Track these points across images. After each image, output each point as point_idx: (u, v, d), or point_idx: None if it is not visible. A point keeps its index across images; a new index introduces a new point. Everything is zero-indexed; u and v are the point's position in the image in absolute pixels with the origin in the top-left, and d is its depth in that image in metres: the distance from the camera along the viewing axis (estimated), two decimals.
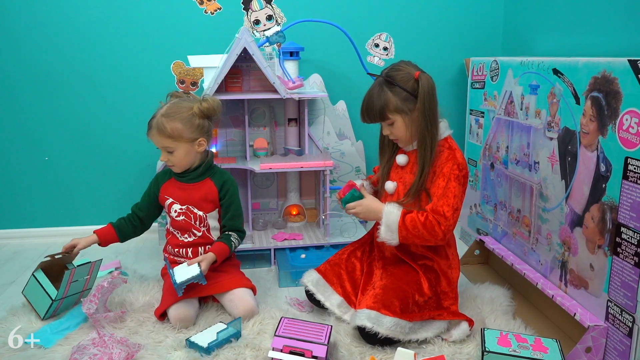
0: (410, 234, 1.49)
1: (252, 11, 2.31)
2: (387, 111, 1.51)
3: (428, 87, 1.48)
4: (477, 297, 1.74)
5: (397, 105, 1.50)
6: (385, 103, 1.51)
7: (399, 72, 1.51)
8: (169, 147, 1.66)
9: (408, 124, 1.52)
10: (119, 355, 1.37)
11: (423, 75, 1.50)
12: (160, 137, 1.65)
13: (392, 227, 1.50)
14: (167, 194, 1.76)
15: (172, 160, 1.69)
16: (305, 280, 1.68)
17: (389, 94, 1.50)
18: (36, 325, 1.59)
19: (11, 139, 2.33)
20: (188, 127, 1.65)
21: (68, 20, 2.23)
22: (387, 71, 1.54)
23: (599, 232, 1.39)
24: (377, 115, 1.53)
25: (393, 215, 1.51)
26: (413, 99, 1.50)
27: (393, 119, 1.52)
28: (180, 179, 1.76)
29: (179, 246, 1.76)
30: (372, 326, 1.43)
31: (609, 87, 1.33)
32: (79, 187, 2.41)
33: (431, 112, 1.49)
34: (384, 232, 1.52)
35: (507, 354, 1.33)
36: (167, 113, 1.64)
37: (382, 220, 1.52)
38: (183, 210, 1.74)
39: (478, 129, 2.13)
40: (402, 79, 1.50)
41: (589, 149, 1.42)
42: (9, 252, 2.28)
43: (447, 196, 1.48)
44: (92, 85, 2.30)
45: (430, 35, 2.43)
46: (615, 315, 1.35)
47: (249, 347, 1.46)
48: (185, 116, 1.65)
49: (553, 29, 2.07)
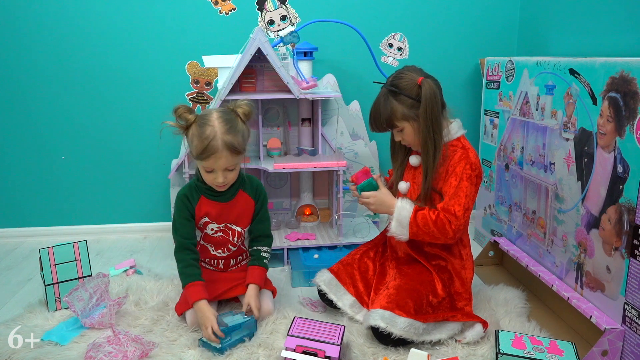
0: (420, 231, 1.50)
1: (267, 11, 2.32)
2: (394, 120, 1.53)
3: (430, 93, 1.48)
4: (491, 298, 1.73)
5: (403, 112, 1.51)
6: (392, 112, 1.52)
7: (402, 80, 1.52)
8: (233, 166, 1.52)
9: (417, 129, 1.53)
10: (134, 353, 1.38)
11: (425, 81, 1.50)
12: (232, 157, 1.49)
13: (404, 222, 1.51)
14: (202, 214, 1.62)
15: (228, 179, 1.54)
16: (317, 280, 1.68)
17: (395, 103, 1.52)
18: (52, 323, 1.61)
19: (25, 139, 2.36)
20: (244, 138, 1.53)
21: (83, 21, 2.25)
22: (391, 80, 1.55)
23: (615, 234, 1.38)
24: (385, 125, 1.55)
25: (405, 210, 1.52)
26: (419, 105, 1.50)
27: (402, 126, 1.54)
28: (212, 197, 1.61)
29: (210, 257, 1.70)
30: (385, 326, 1.42)
31: (627, 87, 1.31)
32: (97, 187, 2.43)
33: (433, 117, 1.49)
34: (394, 226, 1.53)
35: (521, 356, 1.32)
36: (227, 130, 1.47)
37: (394, 215, 1.53)
38: (221, 228, 1.65)
39: (493, 129, 2.12)
40: (406, 87, 1.51)
41: (606, 150, 1.40)
42: (26, 250, 2.32)
43: (459, 195, 1.49)
44: (107, 85, 2.33)
45: (444, 35, 2.42)
46: (632, 318, 1.34)
47: (262, 346, 1.47)
48: (240, 128, 1.52)
49: (569, 28, 2.05)
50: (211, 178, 1.53)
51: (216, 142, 1.46)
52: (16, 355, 1.43)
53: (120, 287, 1.83)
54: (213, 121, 1.48)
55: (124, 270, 1.99)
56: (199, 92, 2.36)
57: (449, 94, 2.44)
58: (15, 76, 2.29)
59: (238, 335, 1.49)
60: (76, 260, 1.72)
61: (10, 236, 2.44)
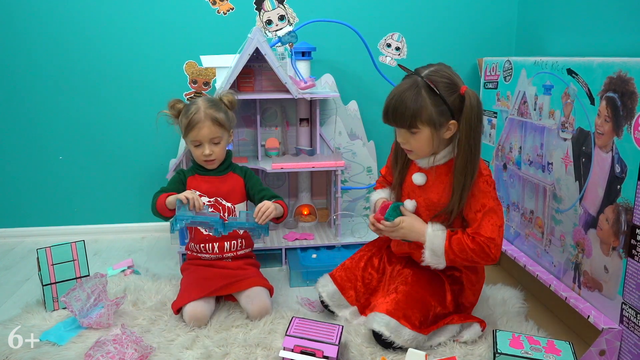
0: (458, 257, 1.39)
1: (265, 11, 2.32)
2: (418, 120, 1.34)
3: (477, 106, 1.33)
4: (489, 298, 1.73)
5: (431, 116, 1.33)
6: (420, 110, 1.33)
7: (445, 80, 1.34)
8: (217, 138, 1.70)
9: (435, 139, 1.37)
10: (132, 355, 1.37)
11: (471, 91, 1.34)
12: (214, 127, 1.68)
13: (438, 251, 1.40)
14: (193, 186, 1.76)
15: (215, 153, 1.71)
16: (320, 290, 1.65)
17: (428, 101, 1.32)
18: (50, 323, 1.61)
19: (22, 138, 2.36)
20: (228, 118, 1.73)
21: (81, 20, 2.25)
22: (430, 73, 1.35)
23: (613, 233, 1.38)
24: (407, 121, 1.35)
25: (438, 238, 1.39)
26: (449, 115, 1.35)
27: (420, 129, 1.36)
28: (205, 173, 1.78)
29: (204, 241, 1.76)
30: (389, 335, 1.40)
31: (625, 87, 1.31)
32: (94, 187, 2.43)
33: (476, 136, 1.34)
34: (429, 256, 1.42)
35: (519, 355, 1.32)
36: (210, 105, 1.69)
37: (426, 244, 1.41)
38: (211, 203, 1.75)
39: (491, 129, 2.12)
40: (446, 89, 1.33)
41: (603, 150, 1.40)
42: (23, 250, 2.31)
43: (490, 215, 1.38)
44: (105, 84, 2.32)
45: (442, 35, 2.42)
46: (630, 318, 1.34)
47: (260, 346, 1.47)
48: (223, 108, 1.73)
49: (567, 28, 2.05)
50: (199, 152, 1.71)
51: (199, 114, 1.67)
52: (14, 356, 1.43)
53: (118, 287, 1.83)
54: (198, 101, 1.71)
55: (122, 270, 1.99)
56: (197, 92, 2.36)
57: None
58: (13, 75, 2.28)
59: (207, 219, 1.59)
60: (74, 260, 1.71)
61: (7, 236, 2.44)
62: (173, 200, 1.62)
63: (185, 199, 1.58)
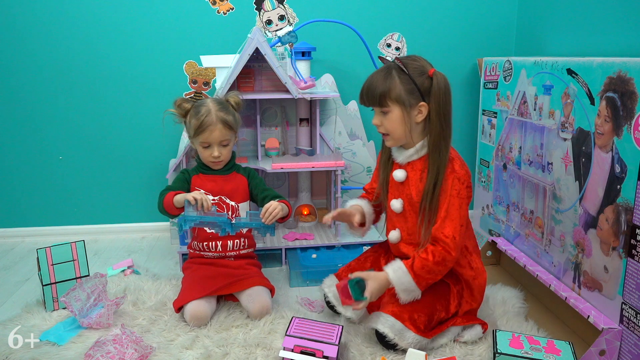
0: (429, 277, 1.41)
1: (265, 11, 2.32)
2: (387, 97, 1.42)
3: (445, 86, 1.40)
4: (489, 298, 1.73)
5: (400, 94, 1.40)
6: (389, 88, 1.41)
7: (415, 62, 1.42)
8: (226, 140, 1.71)
9: (405, 119, 1.43)
10: (132, 355, 1.37)
11: (440, 73, 1.41)
12: (225, 130, 1.68)
13: (410, 287, 1.41)
14: (198, 185, 1.77)
15: (223, 155, 1.73)
16: (326, 291, 1.64)
17: (397, 80, 1.41)
18: (50, 323, 1.61)
19: (22, 138, 2.35)
20: (235, 120, 1.74)
21: (81, 21, 2.25)
22: (402, 58, 1.44)
23: (613, 233, 1.38)
24: (377, 99, 1.43)
25: (402, 277, 1.41)
26: (418, 96, 1.41)
27: (390, 108, 1.43)
28: (209, 172, 1.78)
29: (208, 239, 1.77)
30: (393, 337, 1.40)
31: (625, 87, 1.31)
32: (94, 187, 2.43)
33: (446, 113, 1.41)
34: (404, 297, 1.42)
35: (519, 355, 1.32)
36: (220, 108, 1.69)
37: (395, 286, 1.42)
38: (215, 201, 1.75)
39: (491, 129, 2.12)
40: (414, 70, 1.41)
41: (603, 150, 1.40)
42: (23, 250, 2.31)
43: (451, 218, 1.40)
44: (105, 84, 2.32)
45: (442, 35, 2.42)
46: (629, 318, 1.34)
47: (260, 346, 1.47)
48: (232, 111, 1.73)
49: (567, 28, 2.05)
50: (208, 153, 1.72)
51: (211, 116, 1.67)
52: (14, 356, 1.43)
53: (118, 287, 1.83)
54: (207, 102, 1.71)
55: (122, 270, 1.99)
56: (197, 92, 2.35)
57: None
58: (13, 75, 2.28)
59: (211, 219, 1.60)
60: (74, 260, 1.71)
61: (7, 236, 2.44)
62: (181, 200, 1.61)
63: (194, 199, 1.58)
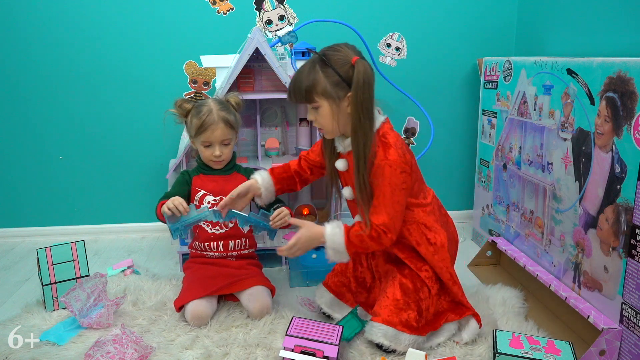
0: (360, 248, 1.43)
1: (265, 11, 2.32)
2: (313, 93, 1.39)
3: (364, 75, 1.35)
4: (489, 298, 1.73)
5: (325, 88, 1.37)
6: (314, 83, 1.38)
7: (336, 53, 1.38)
8: (227, 140, 1.72)
9: (335, 112, 1.39)
10: (132, 355, 1.37)
11: (361, 61, 1.36)
12: (226, 129, 1.69)
13: (340, 248, 1.43)
14: (198, 185, 1.77)
15: (224, 154, 1.73)
16: (319, 302, 1.66)
17: (320, 74, 1.37)
18: (50, 323, 1.61)
19: (22, 138, 2.36)
20: (236, 119, 1.75)
21: (81, 20, 2.25)
22: (325, 49, 1.41)
23: (613, 233, 1.38)
24: (303, 96, 1.40)
25: (337, 236, 1.43)
26: (345, 86, 1.37)
27: (319, 104, 1.40)
28: (210, 172, 1.79)
29: (209, 239, 1.77)
30: (389, 344, 1.41)
31: (624, 87, 1.31)
32: (94, 187, 2.43)
33: (365, 103, 1.35)
34: (332, 255, 1.45)
35: (519, 355, 1.32)
36: (221, 107, 1.70)
37: (327, 244, 1.44)
38: (216, 201, 1.74)
39: (490, 129, 2.12)
40: (337, 61, 1.37)
41: (603, 150, 1.40)
42: (23, 250, 2.31)
43: (383, 204, 1.39)
44: (105, 84, 2.32)
45: (442, 35, 2.42)
46: (629, 318, 1.34)
47: (260, 346, 1.47)
48: (233, 111, 1.74)
49: (567, 28, 2.05)
50: (209, 153, 1.72)
51: (212, 116, 1.68)
52: (14, 356, 1.43)
53: (118, 287, 1.83)
54: (209, 102, 1.72)
55: (122, 270, 1.99)
56: (197, 92, 2.35)
57: (447, 94, 2.48)
58: (13, 75, 2.28)
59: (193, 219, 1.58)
60: (74, 260, 1.71)
61: (7, 236, 2.44)
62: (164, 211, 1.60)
63: (169, 210, 1.56)
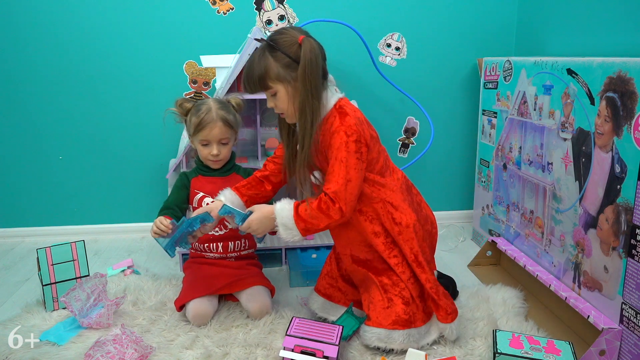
0: (309, 223, 1.37)
1: (265, 11, 2.32)
2: (267, 79, 1.37)
3: (311, 53, 1.34)
4: (489, 298, 1.73)
5: (278, 72, 1.36)
6: (266, 70, 1.36)
7: (283, 36, 1.37)
8: (226, 139, 1.72)
9: (292, 94, 1.38)
10: (132, 355, 1.37)
11: (307, 39, 1.35)
12: (225, 128, 1.69)
13: (289, 224, 1.39)
14: (197, 187, 1.77)
15: (222, 154, 1.73)
16: (313, 308, 1.65)
17: (270, 59, 1.36)
18: (49, 323, 1.61)
19: (22, 138, 2.35)
20: (236, 120, 1.74)
21: (81, 21, 2.25)
22: (271, 34, 1.39)
23: (613, 233, 1.38)
24: (257, 84, 1.39)
25: (285, 211, 1.39)
26: (296, 66, 1.36)
27: (275, 89, 1.39)
28: (209, 173, 1.79)
29: (208, 241, 1.77)
30: (385, 346, 1.41)
31: (625, 87, 1.31)
32: (94, 186, 2.43)
33: (313, 80, 1.34)
34: (283, 232, 1.40)
35: (519, 355, 1.32)
36: (221, 106, 1.70)
37: (277, 220, 1.40)
38: None
39: (490, 129, 2.12)
40: (284, 43, 1.36)
41: (603, 150, 1.40)
42: (23, 250, 2.31)
43: (336, 172, 1.34)
44: (105, 84, 2.32)
45: (442, 35, 2.42)
46: (630, 318, 1.34)
47: (260, 346, 1.47)
48: (232, 111, 1.74)
49: (567, 28, 2.05)
50: (207, 151, 1.72)
51: (211, 114, 1.67)
52: (14, 356, 1.43)
53: (118, 287, 1.83)
54: (209, 102, 1.72)
55: (122, 270, 1.99)
56: (197, 92, 2.35)
57: (447, 94, 2.48)
58: (13, 76, 2.28)
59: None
60: (74, 260, 1.71)
61: (7, 236, 2.44)
62: None
63: (154, 233, 1.54)
